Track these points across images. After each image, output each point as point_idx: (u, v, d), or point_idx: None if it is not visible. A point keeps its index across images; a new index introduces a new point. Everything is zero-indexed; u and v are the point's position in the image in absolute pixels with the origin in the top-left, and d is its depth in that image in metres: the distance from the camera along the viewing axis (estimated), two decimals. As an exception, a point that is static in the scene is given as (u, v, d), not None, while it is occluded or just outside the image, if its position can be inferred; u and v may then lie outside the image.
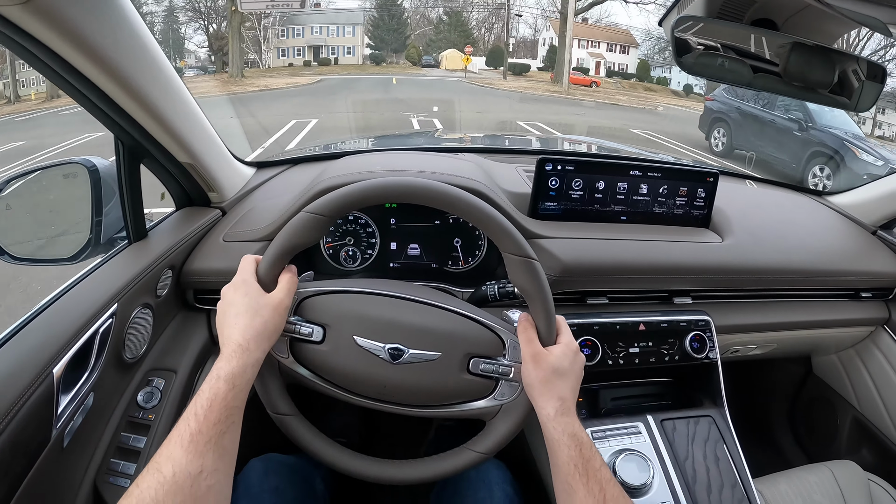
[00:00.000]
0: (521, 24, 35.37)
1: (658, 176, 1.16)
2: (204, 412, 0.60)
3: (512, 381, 0.78)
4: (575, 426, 0.71)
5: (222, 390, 0.62)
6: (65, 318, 0.73)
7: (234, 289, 0.73)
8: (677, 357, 1.12)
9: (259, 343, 0.69)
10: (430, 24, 36.21)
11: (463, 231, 1.14)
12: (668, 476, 0.98)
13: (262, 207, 1.11)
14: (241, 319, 0.69)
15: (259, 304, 0.71)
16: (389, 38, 33.11)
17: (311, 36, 30.54)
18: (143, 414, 0.86)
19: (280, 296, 0.73)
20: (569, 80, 21.74)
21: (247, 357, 0.66)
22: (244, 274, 0.75)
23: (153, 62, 0.80)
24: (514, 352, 0.79)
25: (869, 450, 1.46)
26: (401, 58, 32.95)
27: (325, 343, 0.77)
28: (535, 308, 0.78)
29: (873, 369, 1.43)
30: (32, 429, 0.64)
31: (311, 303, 0.78)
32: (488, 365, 0.78)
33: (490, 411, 0.80)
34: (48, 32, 0.63)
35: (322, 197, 0.75)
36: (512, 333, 0.80)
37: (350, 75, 25.18)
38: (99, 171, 0.93)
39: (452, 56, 30.41)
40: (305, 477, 0.98)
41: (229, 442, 0.61)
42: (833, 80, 0.81)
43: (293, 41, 30.09)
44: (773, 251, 1.20)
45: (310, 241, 0.75)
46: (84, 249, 0.92)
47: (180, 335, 1.00)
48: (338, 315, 0.78)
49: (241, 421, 0.64)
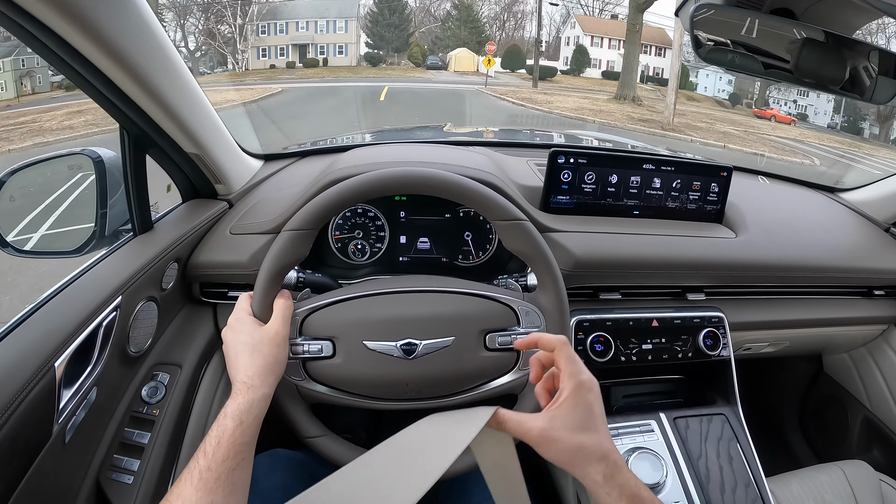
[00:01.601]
0: (532, 21, 31.55)
1: (671, 170, 1.14)
2: (212, 449, 0.61)
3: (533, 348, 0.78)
4: (631, 483, 0.57)
5: (230, 427, 0.63)
6: (67, 311, 0.72)
7: (231, 330, 0.75)
8: (690, 354, 1.11)
9: (264, 378, 0.69)
10: (436, 21, 32.52)
11: (474, 224, 1.13)
12: (681, 475, 0.97)
13: (269, 199, 1.10)
14: (241, 358, 0.70)
15: (256, 341, 0.72)
16: (390, 36, 29.27)
17: (296, 33, 26.35)
18: (147, 409, 0.84)
19: (276, 327, 0.73)
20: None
21: (252, 393, 0.67)
22: (238, 313, 0.76)
23: (161, 50, 0.79)
24: (527, 318, 0.79)
25: (880, 450, 1.45)
26: (402, 58, 29.25)
27: (337, 356, 0.77)
28: (537, 269, 0.79)
29: (885, 368, 1.42)
30: (34, 424, 0.63)
31: (313, 319, 0.78)
32: (505, 337, 0.78)
33: (519, 384, 0.80)
34: (57, 19, 0.62)
35: (300, 210, 0.75)
36: (520, 299, 0.80)
37: (330, 82, 21.36)
38: (104, 163, 0.92)
39: (463, 56, 26.83)
40: (313, 473, 0.96)
41: (239, 478, 0.62)
42: (844, 77, 0.80)
43: (275, 39, 26.09)
44: (787, 247, 1.19)
45: (298, 258, 0.75)
46: (89, 241, 0.91)
47: (186, 329, 0.99)
48: (342, 325, 0.77)
49: (252, 457, 0.65)
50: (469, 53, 27.40)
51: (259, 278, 0.75)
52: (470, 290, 0.81)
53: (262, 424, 0.68)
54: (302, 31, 26.28)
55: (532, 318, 0.79)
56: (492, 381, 0.79)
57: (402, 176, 0.76)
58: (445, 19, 32.30)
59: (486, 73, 21.47)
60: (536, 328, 0.79)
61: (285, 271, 0.75)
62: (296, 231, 0.74)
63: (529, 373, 0.75)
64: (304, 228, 0.74)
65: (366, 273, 1.10)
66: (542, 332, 0.65)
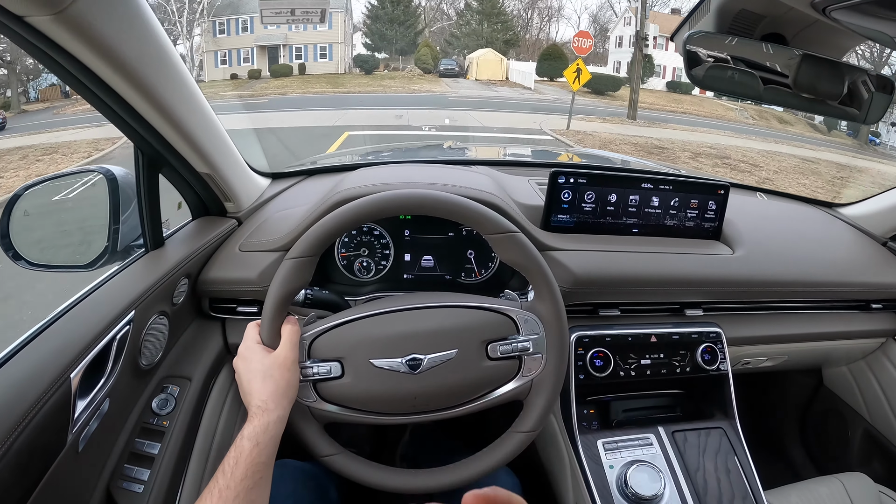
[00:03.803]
0: (557, 20, 23.80)
1: (669, 189, 1.16)
2: (231, 469, 0.65)
3: (534, 354, 0.81)
4: None
5: (246, 448, 0.67)
6: (83, 324, 0.74)
7: (242, 359, 0.78)
8: (689, 369, 1.13)
9: (277, 401, 0.73)
10: (449, 20, 24.80)
11: (476, 243, 1.15)
12: (679, 487, 0.98)
13: (278, 217, 1.12)
14: (254, 385, 0.74)
15: (266, 367, 0.75)
16: (392, 34, 22.29)
17: (264, 31, 19.87)
18: (157, 420, 0.86)
19: (284, 352, 0.76)
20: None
21: (267, 416, 0.70)
22: (247, 342, 0.79)
23: (176, 74, 0.81)
24: (526, 326, 0.82)
25: (880, 462, 1.46)
26: (409, 62, 22.25)
27: (346, 375, 0.79)
28: (533, 279, 0.81)
29: (884, 381, 1.43)
30: (49, 433, 0.65)
31: (321, 342, 0.80)
32: (506, 346, 0.81)
33: (523, 390, 0.82)
34: (76, 44, 0.64)
35: (300, 238, 0.78)
36: (518, 308, 0.83)
37: (263, 110, 14.32)
38: (117, 180, 0.94)
39: (488, 60, 19.79)
40: (320, 483, 0.98)
41: (258, 496, 0.66)
42: (843, 92, 0.82)
43: (235, 40, 19.43)
44: (784, 263, 1.20)
45: (301, 284, 0.78)
46: (101, 257, 0.93)
47: (195, 343, 1.01)
48: (349, 345, 0.80)
49: (269, 476, 0.70)
50: (496, 56, 20.57)
51: (266, 307, 0.77)
52: (469, 303, 0.83)
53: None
54: (271, 29, 20.11)
55: (531, 326, 0.82)
56: (496, 390, 0.82)
57: (396, 198, 0.78)
58: (462, 13, 24.26)
59: (572, 97, 12.08)
60: (536, 335, 0.81)
61: (290, 298, 0.78)
62: (297, 259, 0.77)
63: (532, 376, 0.78)
64: (306, 256, 0.77)
65: (371, 290, 1.11)
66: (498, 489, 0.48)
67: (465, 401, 0.82)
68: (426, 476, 0.81)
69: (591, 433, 1.05)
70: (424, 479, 0.81)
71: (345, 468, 0.80)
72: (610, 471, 1.00)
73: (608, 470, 1.00)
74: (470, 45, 23.45)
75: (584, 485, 0.99)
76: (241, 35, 19.90)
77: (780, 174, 10.60)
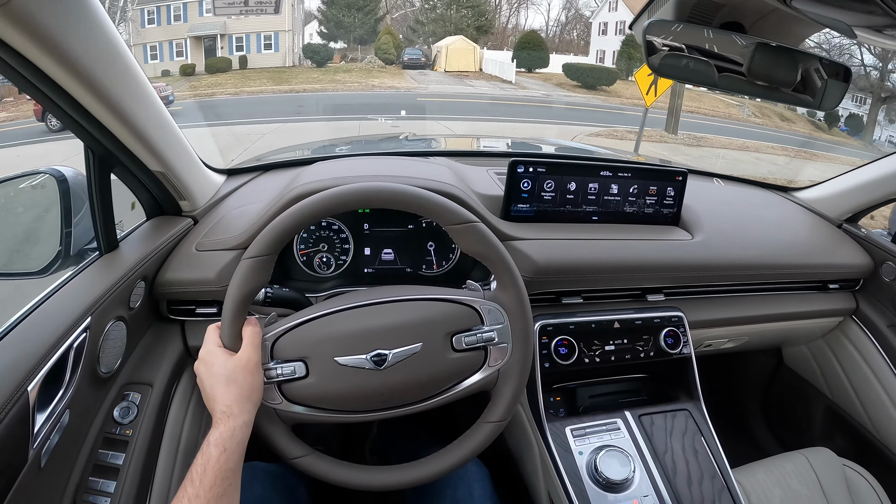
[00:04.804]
0: (527, 7, 21.00)
1: (628, 176, 1.18)
2: (199, 477, 0.64)
3: (499, 344, 0.81)
4: None
5: (214, 455, 0.66)
6: (38, 334, 0.71)
7: (203, 364, 0.76)
8: (652, 353, 1.15)
9: (242, 405, 0.71)
10: (412, 6, 22.67)
11: (436, 234, 1.15)
12: (648, 470, 1.00)
13: (234, 215, 1.10)
14: (217, 390, 0.72)
15: (229, 371, 0.73)
16: (350, 21, 20.77)
17: (199, 19, 16.95)
18: (120, 430, 0.84)
19: (247, 354, 0.74)
20: None
21: (233, 421, 0.69)
22: (208, 346, 0.77)
23: (126, 70, 0.79)
24: (490, 316, 0.82)
25: (842, 436, 1.50)
26: (368, 52, 20.25)
27: (311, 375, 0.78)
28: (495, 268, 0.82)
29: (843, 358, 1.47)
30: (10, 450, 0.62)
31: (283, 342, 0.79)
32: (471, 337, 0.80)
33: (490, 380, 0.82)
34: (21, 38, 0.61)
35: (258, 237, 0.76)
36: (481, 298, 0.83)
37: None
38: (68, 181, 0.92)
39: (458, 49, 18.08)
40: (289, 485, 0.97)
41: (228, 503, 0.65)
42: (796, 79, 0.84)
43: (168, 30, 16.70)
44: (742, 247, 1.23)
45: (261, 284, 0.77)
46: (54, 262, 0.90)
47: (155, 347, 0.98)
48: (311, 344, 0.78)
49: (238, 482, 0.68)
50: (467, 44, 18.73)
51: (225, 309, 0.76)
52: (432, 295, 0.83)
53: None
54: (208, 17, 17.13)
55: (495, 316, 0.82)
56: (463, 381, 0.81)
57: (354, 192, 0.77)
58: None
59: (644, 112, 8.22)
60: (500, 325, 0.81)
61: (250, 298, 0.76)
62: (255, 258, 0.75)
63: (498, 366, 0.78)
64: (264, 254, 0.75)
65: (332, 285, 1.10)
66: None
67: (433, 394, 0.81)
68: (398, 472, 0.81)
69: (559, 420, 1.06)
70: (397, 475, 0.81)
71: (316, 469, 0.79)
72: (580, 457, 1.00)
73: (577, 456, 1.01)
74: (437, 33, 21.52)
75: (555, 472, 0.99)
76: (174, 25, 17.25)
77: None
